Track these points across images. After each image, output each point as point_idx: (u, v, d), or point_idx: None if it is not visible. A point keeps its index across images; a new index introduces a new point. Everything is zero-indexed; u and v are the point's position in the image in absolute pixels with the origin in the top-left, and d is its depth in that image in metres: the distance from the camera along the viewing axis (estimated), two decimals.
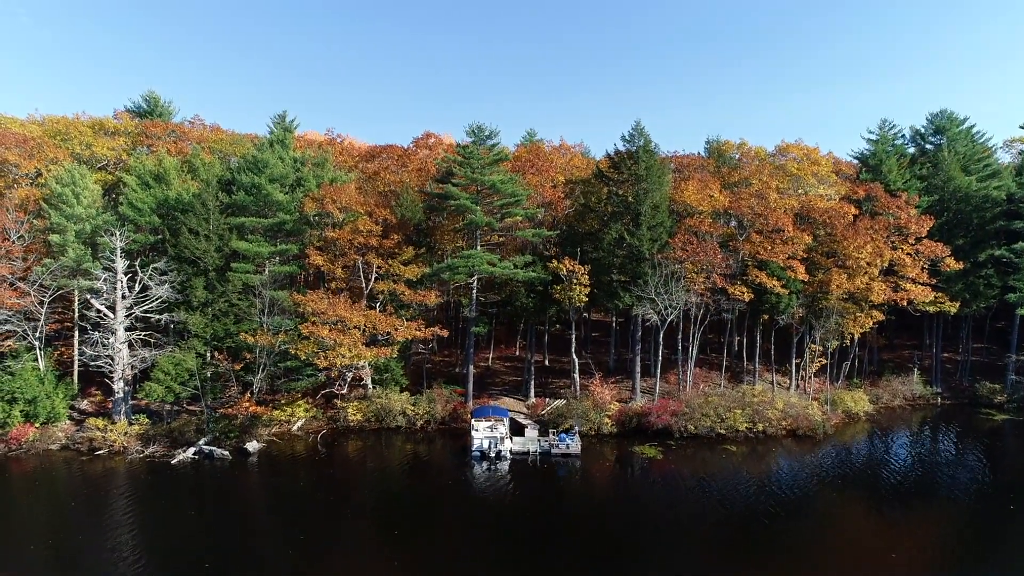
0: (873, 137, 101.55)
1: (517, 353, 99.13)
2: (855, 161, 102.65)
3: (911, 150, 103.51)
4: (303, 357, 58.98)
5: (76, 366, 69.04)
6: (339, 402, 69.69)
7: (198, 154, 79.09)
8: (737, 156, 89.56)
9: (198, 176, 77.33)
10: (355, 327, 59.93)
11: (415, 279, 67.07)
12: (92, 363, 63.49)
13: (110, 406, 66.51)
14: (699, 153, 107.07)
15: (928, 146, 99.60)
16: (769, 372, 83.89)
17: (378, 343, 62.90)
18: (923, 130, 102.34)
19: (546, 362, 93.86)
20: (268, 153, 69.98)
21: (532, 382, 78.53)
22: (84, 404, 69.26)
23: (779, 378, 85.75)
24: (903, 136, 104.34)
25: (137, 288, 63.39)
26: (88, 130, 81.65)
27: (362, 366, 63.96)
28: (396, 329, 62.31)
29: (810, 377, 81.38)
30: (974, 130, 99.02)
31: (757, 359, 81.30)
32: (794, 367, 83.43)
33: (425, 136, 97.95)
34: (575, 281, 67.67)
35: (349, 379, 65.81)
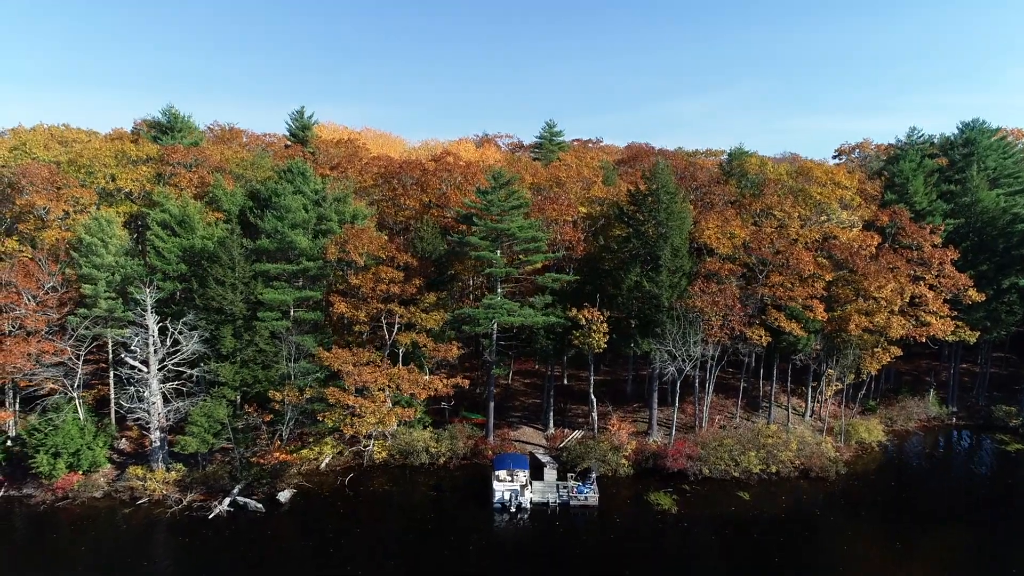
0: (901, 143, 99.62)
1: (536, 367, 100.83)
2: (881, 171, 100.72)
3: (939, 158, 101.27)
4: (330, 425, 61.14)
5: (113, 407, 72.02)
6: (364, 439, 72.25)
7: (220, 184, 79.75)
8: (760, 179, 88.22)
9: (220, 207, 78.39)
10: (380, 390, 61.76)
11: (437, 328, 68.35)
12: (129, 415, 66.34)
13: (147, 444, 69.59)
14: (720, 160, 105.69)
15: (957, 157, 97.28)
16: (785, 395, 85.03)
17: (402, 403, 64.96)
18: (953, 139, 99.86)
19: (565, 380, 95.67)
20: (290, 199, 70.43)
21: (551, 411, 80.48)
22: (123, 443, 72.43)
23: (795, 401, 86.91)
24: (932, 143, 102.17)
25: (168, 342, 65.42)
26: (112, 160, 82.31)
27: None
28: (420, 387, 64.00)
29: (826, 400, 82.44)
30: (1005, 142, 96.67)
31: (774, 382, 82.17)
32: (810, 391, 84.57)
33: (443, 154, 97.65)
34: (594, 328, 68.56)
35: (374, 434, 68.20)
